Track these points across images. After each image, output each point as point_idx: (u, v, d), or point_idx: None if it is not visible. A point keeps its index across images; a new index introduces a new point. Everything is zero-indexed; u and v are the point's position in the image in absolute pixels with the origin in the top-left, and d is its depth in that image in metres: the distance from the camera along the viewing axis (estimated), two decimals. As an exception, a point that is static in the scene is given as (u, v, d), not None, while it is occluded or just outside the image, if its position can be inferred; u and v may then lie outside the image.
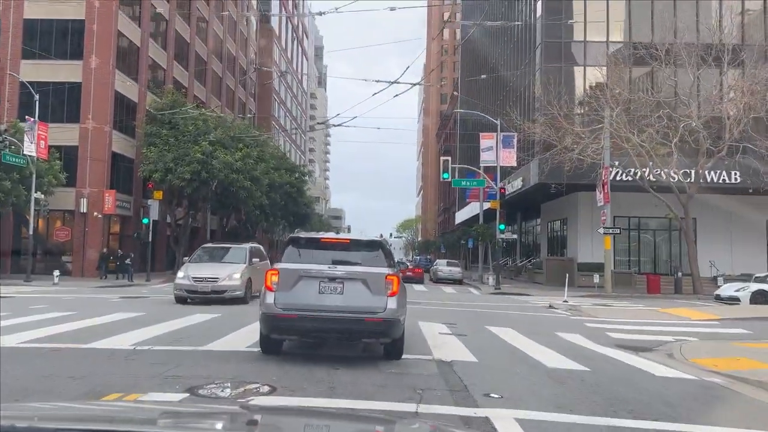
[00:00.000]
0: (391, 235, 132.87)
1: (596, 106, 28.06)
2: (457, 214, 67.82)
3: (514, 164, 33.00)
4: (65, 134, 33.14)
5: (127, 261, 30.18)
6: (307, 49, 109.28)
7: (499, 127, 32.21)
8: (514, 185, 36.66)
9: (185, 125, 35.02)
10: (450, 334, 11.38)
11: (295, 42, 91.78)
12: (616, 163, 28.94)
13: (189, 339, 9.73)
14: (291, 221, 53.62)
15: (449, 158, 32.72)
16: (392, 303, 7.59)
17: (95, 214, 33.79)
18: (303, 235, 8.99)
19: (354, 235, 9.18)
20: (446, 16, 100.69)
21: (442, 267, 38.79)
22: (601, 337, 11.89)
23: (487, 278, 34.41)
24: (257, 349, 8.43)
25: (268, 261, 18.68)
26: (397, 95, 19.75)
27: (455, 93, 75.95)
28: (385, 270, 7.82)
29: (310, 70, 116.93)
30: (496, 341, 10.78)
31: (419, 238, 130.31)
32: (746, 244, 33.72)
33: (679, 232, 34.83)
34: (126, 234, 36.38)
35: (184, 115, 34.83)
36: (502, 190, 30.90)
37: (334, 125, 33.46)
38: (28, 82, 30.58)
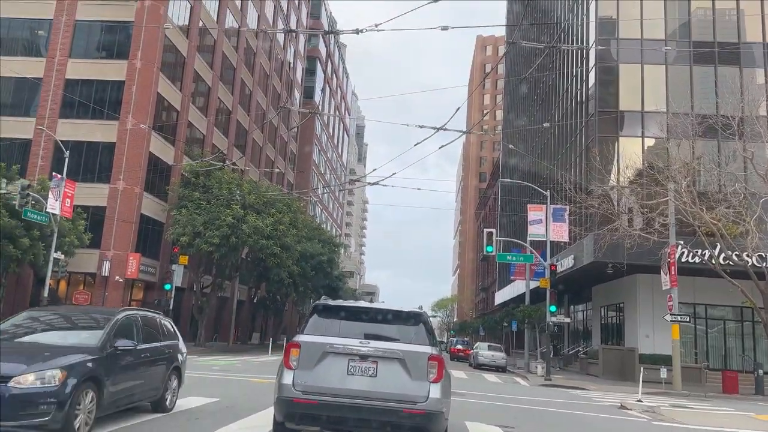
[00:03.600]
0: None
1: (659, 179, 25.50)
2: (497, 293, 64.28)
3: (566, 239, 30.23)
4: (94, 194, 32.18)
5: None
6: (348, 125, 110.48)
7: (549, 198, 29.75)
8: (564, 263, 33.70)
9: (218, 189, 33.75)
10: (512, 444, 8.59)
11: (337, 118, 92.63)
12: (681, 243, 26.12)
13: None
14: (321, 294, 51.28)
15: (493, 230, 30.12)
16: (436, 391, 6.28)
17: (117, 278, 32.16)
18: (331, 302, 7.18)
19: (391, 305, 7.27)
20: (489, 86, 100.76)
21: (484, 351, 35.42)
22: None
23: (535, 367, 30.94)
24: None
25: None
26: (442, 146, 18.27)
27: (497, 151, 74.36)
28: (428, 349, 6.49)
29: (350, 146, 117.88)
30: (576, 459, 7.95)
31: (455, 319, 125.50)
32: (833, 340, 29.72)
33: (753, 323, 31.25)
34: (148, 301, 34.45)
35: (217, 179, 33.61)
36: (553, 267, 28.02)
37: (370, 183, 32.53)
38: (63, 141, 29.92)
